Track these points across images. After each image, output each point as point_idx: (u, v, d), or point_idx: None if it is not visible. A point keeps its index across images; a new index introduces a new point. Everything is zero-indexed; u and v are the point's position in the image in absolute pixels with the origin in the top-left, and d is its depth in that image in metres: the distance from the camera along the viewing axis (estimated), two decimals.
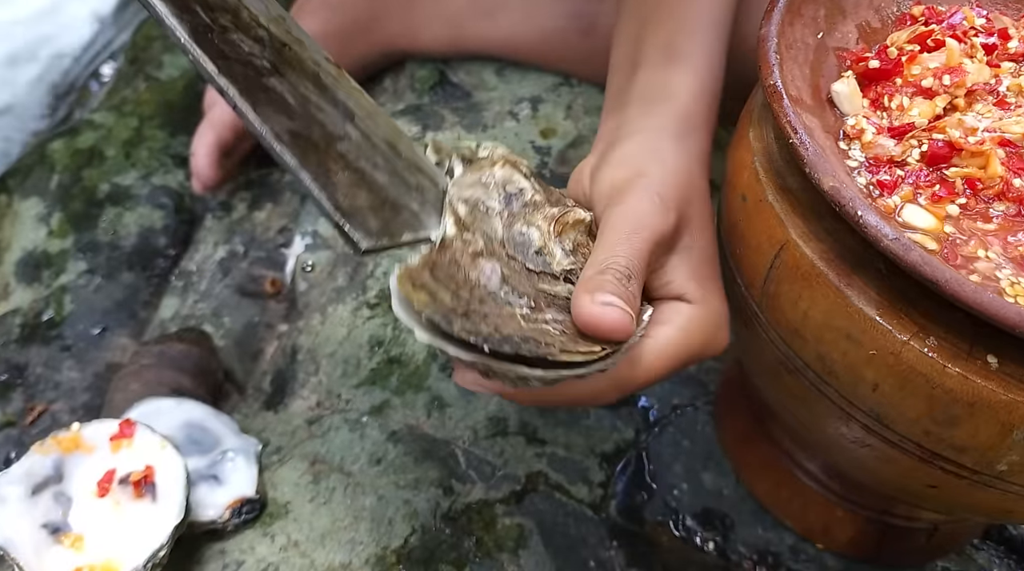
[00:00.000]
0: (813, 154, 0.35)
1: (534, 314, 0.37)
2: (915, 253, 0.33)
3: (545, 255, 0.39)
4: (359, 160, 0.37)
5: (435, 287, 0.36)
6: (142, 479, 0.46)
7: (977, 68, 0.41)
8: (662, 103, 0.44)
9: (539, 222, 0.40)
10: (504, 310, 0.36)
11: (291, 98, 0.36)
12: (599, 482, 0.54)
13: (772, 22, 0.40)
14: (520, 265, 0.38)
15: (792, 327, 0.38)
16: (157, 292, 0.68)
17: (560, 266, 0.39)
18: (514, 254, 0.39)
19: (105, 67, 0.91)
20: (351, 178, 0.36)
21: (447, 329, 0.34)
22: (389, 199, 0.37)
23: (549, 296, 0.38)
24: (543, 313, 0.37)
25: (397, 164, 0.39)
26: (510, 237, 0.39)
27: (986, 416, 0.34)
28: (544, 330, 0.36)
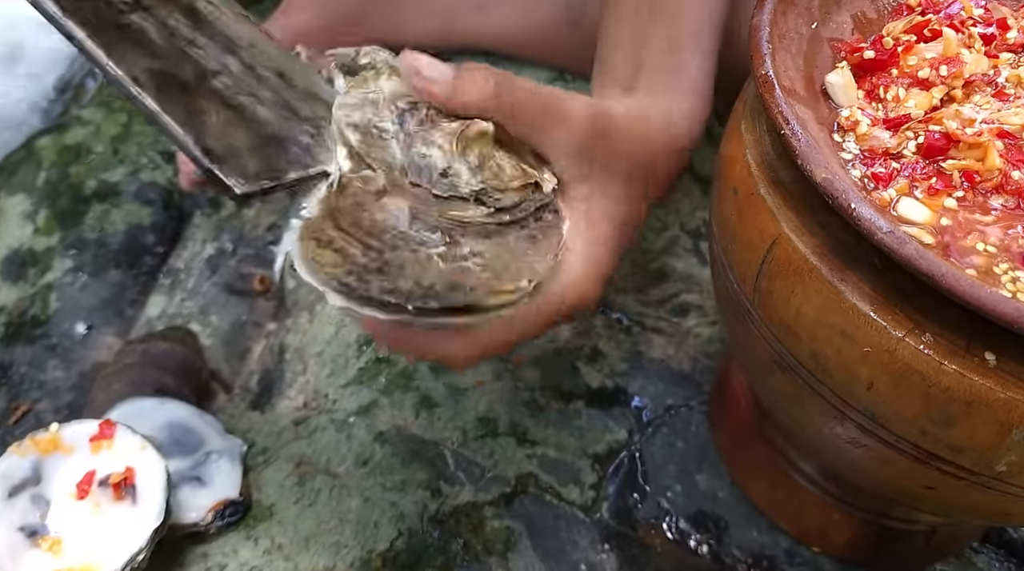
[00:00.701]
0: (806, 146, 0.34)
1: (451, 250, 0.35)
2: (910, 246, 0.32)
3: (451, 177, 0.37)
4: (238, 95, 0.34)
5: (342, 242, 0.33)
6: (122, 481, 0.45)
7: (975, 58, 0.40)
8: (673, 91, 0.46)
9: (439, 140, 0.37)
10: (420, 254, 0.34)
11: (155, 35, 0.33)
12: (591, 484, 0.53)
13: (764, 11, 0.39)
14: (426, 193, 0.36)
15: (785, 324, 0.37)
16: (144, 290, 0.67)
17: (468, 187, 0.37)
18: (418, 181, 0.36)
19: None
20: (226, 117, 0.33)
21: (364, 293, 0.32)
22: (275, 135, 0.34)
23: (462, 224, 0.35)
24: (460, 247, 0.35)
25: (287, 95, 0.36)
26: (410, 162, 0.37)
27: (984, 415, 0.33)
28: (465, 269, 0.34)
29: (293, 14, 0.74)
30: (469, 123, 0.38)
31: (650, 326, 0.60)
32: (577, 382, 0.56)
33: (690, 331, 0.60)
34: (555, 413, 0.55)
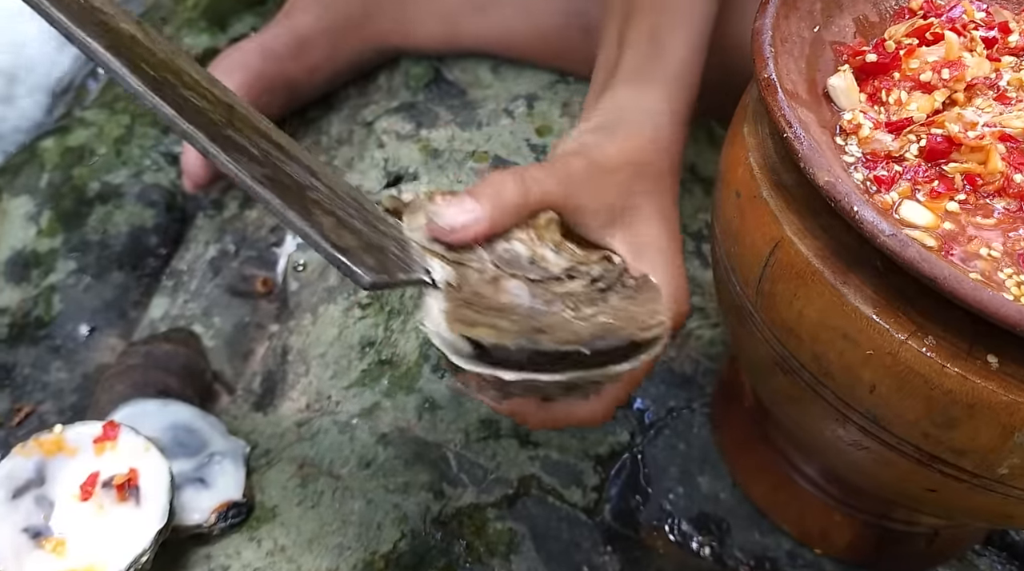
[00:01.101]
0: (808, 149, 0.35)
1: (579, 313, 0.37)
2: (912, 249, 0.32)
3: (538, 262, 0.39)
4: (334, 208, 0.36)
5: (487, 319, 0.36)
6: (126, 482, 0.45)
7: (977, 62, 0.40)
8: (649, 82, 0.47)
9: (516, 234, 0.40)
10: (556, 318, 0.36)
11: (253, 149, 0.36)
12: (593, 486, 0.53)
13: (767, 15, 0.39)
14: (525, 279, 0.38)
15: (787, 326, 0.37)
16: (147, 292, 0.68)
17: (558, 267, 0.39)
18: (514, 271, 0.39)
19: None
20: (333, 221, 0.35)
21: (535, 347, 0.35)
22: (372, 243, 0.36)
23: (572, 295, 0.38)
24: (584, 309, 0.37)
25: (366, 214, 0.38)
26: (498, 257, 0.39)
27: (986, 418, 0.33)
28: (603, 323, 0.37)
29: (296, 16, 0.74)
30: (533, 217, 0.41)
31: None
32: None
33: (692, 333, 0.60)
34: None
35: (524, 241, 0.40)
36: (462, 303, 0.36)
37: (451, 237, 0.39)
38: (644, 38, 0.49)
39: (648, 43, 0.49)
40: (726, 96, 0.59)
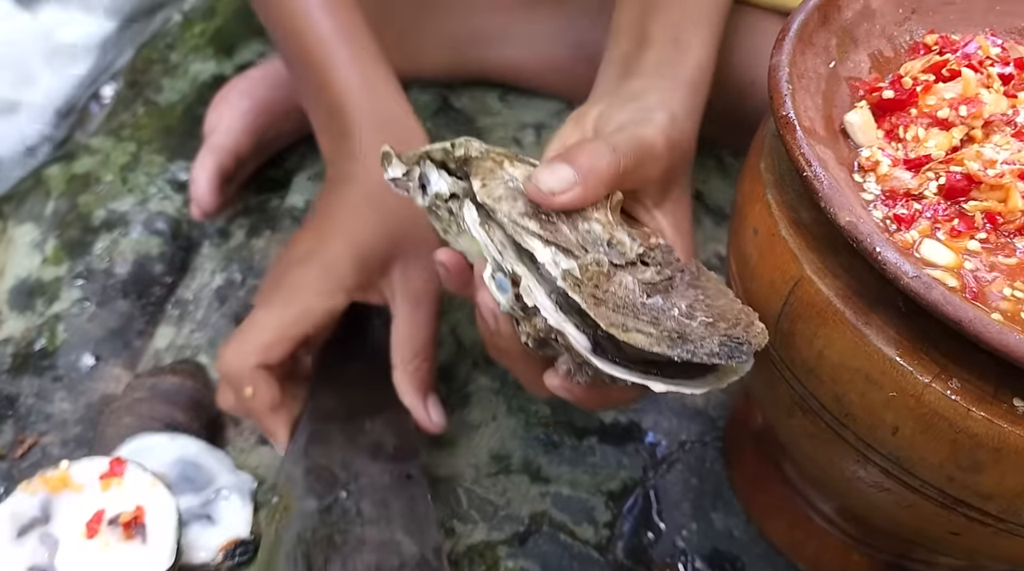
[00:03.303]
0: (828, 188, 0.34)
1: (681, 310, 0.36)
2: (937, 292, 0.31)
3: (616, 245, 0.38)
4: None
5: (633, 322, 0.35)
6: (132, 520, 0.45)
7: (994, 99, 0.40)
8: (671, 78, 0.47)
9: (593, 214, 0.38)
10: (674, 322, 0.35)
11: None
12: (605, 522, 0.52)
13: (783, 51, 0.39)
14: (608, 263, 0.36)
15: (808, 366, 0.37)
16: (152, 321, 0.67)
17: (634, 251, 0.37)
18: (598, 256, 0.37)
19: (106, 88, 0.91)
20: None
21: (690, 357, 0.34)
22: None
23: (656, 286, 0.36)
24: (681, 304, 0.37)
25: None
26: (581, 239, 0.37)
27: (1013, 463, 0.32)
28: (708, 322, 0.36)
29: None
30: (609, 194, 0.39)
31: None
32: (590, 418, 0.56)
33: None
34: (568, 450, 0.54)
35: (601, 222, 0.38)
36: (592, 299, 0.35)
37: (553, 202, 0.37)
38: (668, 36, 0.49)
39: (672, 43, 0.49)
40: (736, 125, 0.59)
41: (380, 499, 0.41)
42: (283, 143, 0.74)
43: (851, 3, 0.43)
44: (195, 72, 0.82)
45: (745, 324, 0.36)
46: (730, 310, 0.37)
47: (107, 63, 0.95)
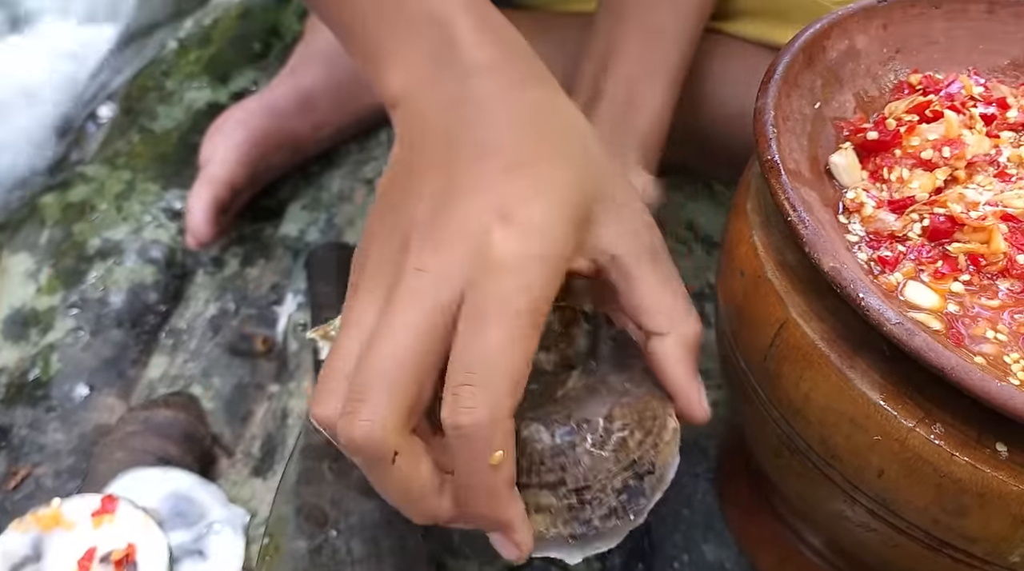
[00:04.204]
0: (812, 233, 0.35)
1: (594, 434, 0.35)
2: (919, 338, 0.32)
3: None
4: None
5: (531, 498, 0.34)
6: (124, 558, 0.45)
7: (977, 140, 0.40)
8: (622, 136, 0.47)
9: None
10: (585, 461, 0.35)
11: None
12: (597, 555, 0.52)
13: (768, 94, 0.40)
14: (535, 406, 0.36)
15: (794, 408, 0.37)
16: (146, 350, 0.67)
17: (551, 363, 0.38)
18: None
19: (102, 108, 0.91)
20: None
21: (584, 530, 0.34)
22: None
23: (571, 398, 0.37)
24: (595, 424, 0.36)
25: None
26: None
27: (997, 507, 0.32)
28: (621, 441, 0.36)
29: (301, 73, 0.75)
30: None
31: None
32: None
33: None
34: None
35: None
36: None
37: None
38: (621, 91, 0.49)
39: (625, 99, 0.49)
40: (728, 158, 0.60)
41: (370, 537, 0.41)
42: (277, 173, 0.75)
43: (836, 44, 0.43)
44: (190, 99, 0.83)
45: (658, 429, 0.36)
46: (647, 406, 0.37)
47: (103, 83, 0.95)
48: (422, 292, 0.32)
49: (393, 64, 0.36)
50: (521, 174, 0.33)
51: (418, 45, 0.36)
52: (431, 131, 0.35)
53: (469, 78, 0.35)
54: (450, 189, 0.33)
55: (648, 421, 0.37)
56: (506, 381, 0.31)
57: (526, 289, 0.32)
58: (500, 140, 0.34)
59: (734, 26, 0.62)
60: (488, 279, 0.32)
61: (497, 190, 0.33)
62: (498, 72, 0.35)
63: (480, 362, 0.31)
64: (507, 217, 0.32)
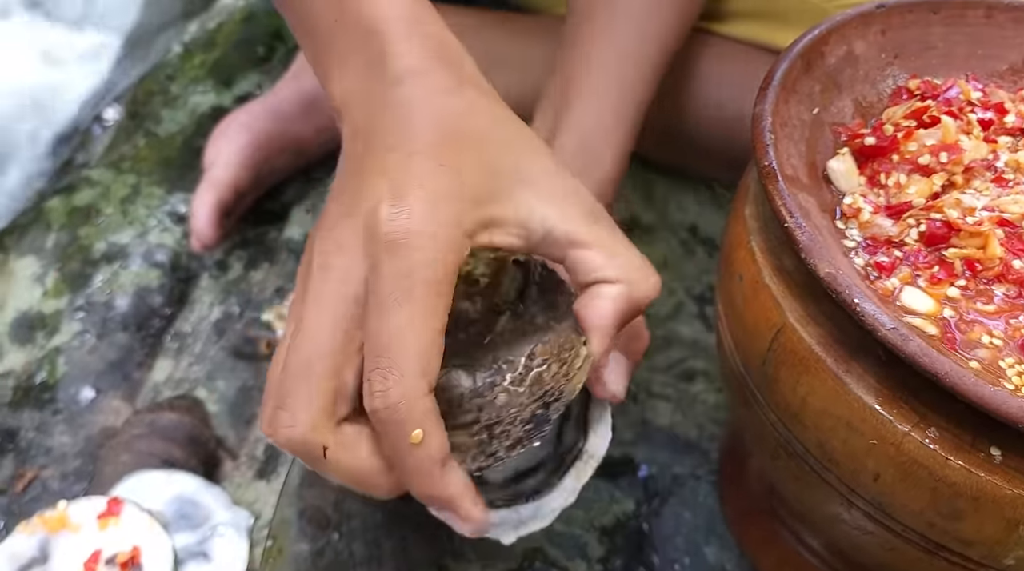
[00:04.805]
0: (809, 239, 0.35)
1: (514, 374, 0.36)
2: (914, 344, 0.32)
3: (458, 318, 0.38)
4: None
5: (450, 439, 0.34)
6: (129, 560, 0.45)
7: (974, 145, 0.40)
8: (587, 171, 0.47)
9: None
10: (501, 399, 0.36)
11: None
12: (598, 557, 0.52)
13: (766, 100, 0.40)
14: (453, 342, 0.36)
15: (791, 412, 0.37)
16: (151, 353, 0.68)
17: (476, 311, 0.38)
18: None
19: (108, 111, 0.92)
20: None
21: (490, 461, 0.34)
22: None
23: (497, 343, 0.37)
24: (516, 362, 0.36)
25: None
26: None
27: (991, 511, 0.33)
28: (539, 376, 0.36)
29: (304, 77, 0.75)
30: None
31: (656, 393, 0.60)
32: None
33: (697, 397, 0.60)
34: None
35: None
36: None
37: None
38: (575, 143, 0.49)
39: (578, 150, 0.49)
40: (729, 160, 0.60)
41: (372, 540, 0.41)
42: (281, 176, 0.75)
43: (834, 49, 0.43)
44: (194, 103, 0.84)
45: (571, 358, 0.35)
46: (567, 340, 0.36)
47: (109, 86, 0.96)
48: (327, 290, 0.33)
49: (333, 77, 0.37)
50: (420, 158, 0.34)
51: (354, 58, 0.37)
52: (360, 139, 0.36)
53: (396, 86, 0.35)
54: (356, 186, 0.34)
55: (565, 352, 0.36)
56: (414, 360, 0.31)
57: (421, 266, 0.32)
58: (412, 136, 0.34)
59: (728, 27, 0.63)
60: (383, 260, 0.32)
61: (393, 175, 0.33)
62: (425, 78, 0.36)
63: (385, 346, 0.31)
64: (398, 196, 0.33)
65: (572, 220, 0.36)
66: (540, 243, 0.36)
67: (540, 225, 0.36)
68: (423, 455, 0.32)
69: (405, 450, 0.32)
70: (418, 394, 0.32)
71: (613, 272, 0.36)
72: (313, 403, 0.32)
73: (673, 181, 0.72)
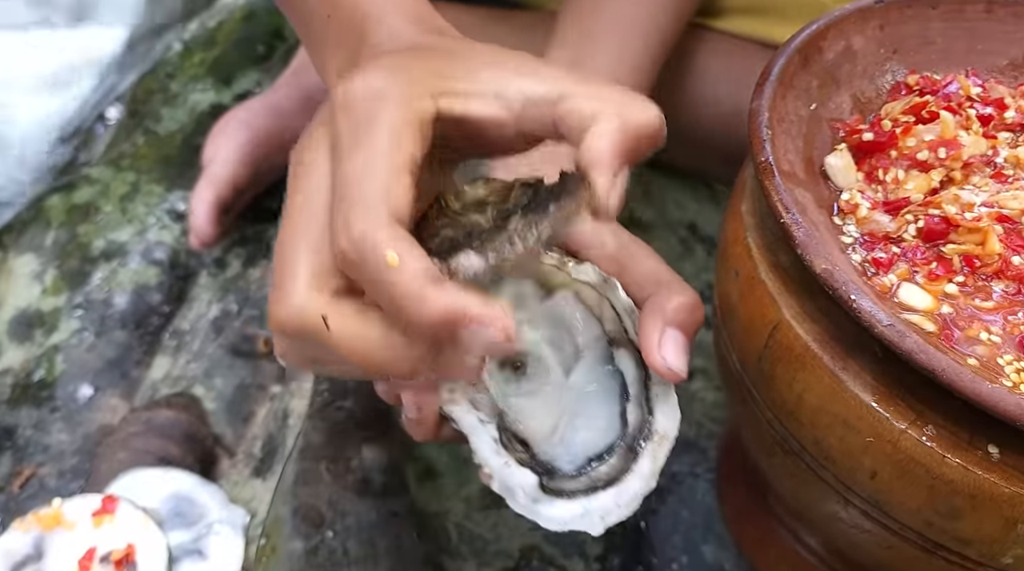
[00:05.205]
0: (805, 234, 0.35)
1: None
2: (911, 340, 0.32)
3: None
4: None
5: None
6: (124, 558, 0.45)
7: (973, 141, 0.40)
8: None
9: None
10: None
11: None
12: (596, 556, 0.52)
13: (763, 95, 0.40)
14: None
15: (787, 409, 0.37)
16: (150, 351, 0.68)
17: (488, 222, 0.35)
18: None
19: (110, 110, 0.92)
20: None
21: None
22: None
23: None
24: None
25: None
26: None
27: (989, 509, 0.32)
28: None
29: (303, 75, 0.75)
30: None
31: None
32: None
33: (695, 395, 0.60)
34: None
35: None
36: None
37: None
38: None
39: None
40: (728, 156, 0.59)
41: (366, 538, 0.41)
42: (279, 173, 0.75)
43: (832, 44, 0.43)
44: (194, 101, 0.84)
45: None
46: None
47: (111, 85, 0.96)
48: (300, 179, 0.34)
49: (329, 67, 0.38)
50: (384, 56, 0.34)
51: (345, 46, 0.37)
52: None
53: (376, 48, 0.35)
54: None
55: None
56: (373, 194, 0.30)
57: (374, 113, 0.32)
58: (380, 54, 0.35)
59: (725, 23, 0.62)
60: (339, 121, 0.32)
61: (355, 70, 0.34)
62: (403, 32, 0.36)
63: (344, 188, 0.31)
64: (356, 75, 0.33)
65: (550, 80, 0.34)
66: (523, 113, 0.34)
67: (518, 93, 0.34)
68: (407, 275, 0.30)
69: (388, 281, 0.30)
70: (380, 223, 0.30)
71: (604, 108, 0.33)
72: (299, 272, 0.31)
73: (671, 179, 0.72)
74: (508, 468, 0.36)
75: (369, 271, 0.30)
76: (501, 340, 0.30)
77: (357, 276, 0.31)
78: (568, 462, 0.37)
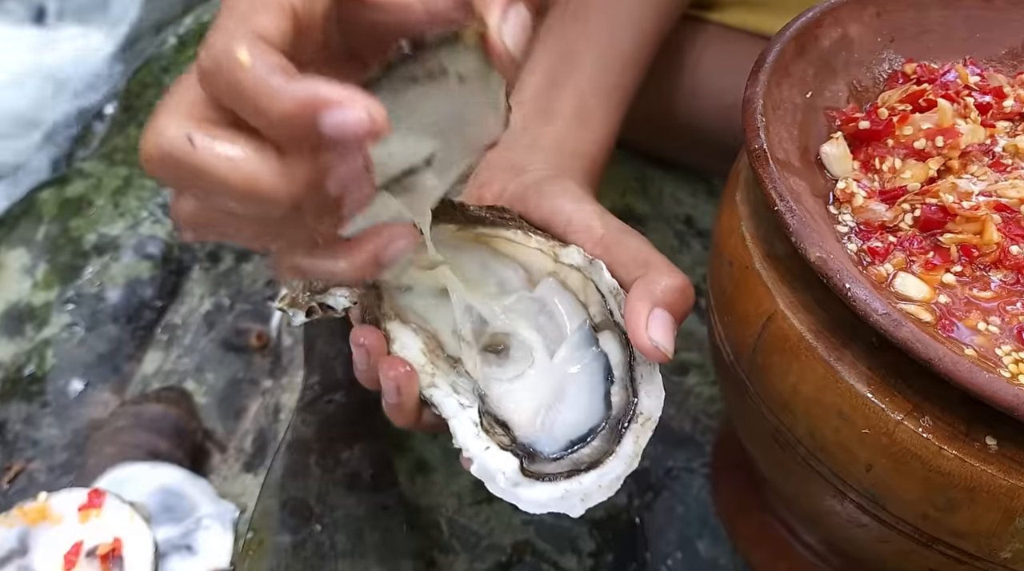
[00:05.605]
0: (799, 223, 0.34)
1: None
2: (906, 329, 0.31)
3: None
4: None
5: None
6: (110, 552, 0.45)
7: (971, 129, 0.39)
8: (573, 157, 0.47)
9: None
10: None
11: None
12: (589, 551, 0.52)
13: (758, 83, 0.39)
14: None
15: (782, 400, 0.37)
16: (141, 345, 0.67)
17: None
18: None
19: (108, 107, 0.91)
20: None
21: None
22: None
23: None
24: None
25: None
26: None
27: (986, 502, 0.32)
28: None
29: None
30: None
31: None
32: None
33: (691, 390, 0.59)
34: None
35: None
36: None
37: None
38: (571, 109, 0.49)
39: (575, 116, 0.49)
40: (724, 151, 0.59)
41: (355, 531, 0.41)
42: None
43: (829, 32, 0.43)
44: None
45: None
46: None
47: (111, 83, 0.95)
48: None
49: None
50: None
51: None
52: None
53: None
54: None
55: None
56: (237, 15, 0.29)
57: None
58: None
59: (721, 15, 0.62)
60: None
61: None
62: None
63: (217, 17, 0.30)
64: None
65: None
66: None
67: None
68: (259, 70, 0.28)
69: (241, 81, 0.28)
70: (238, 35, 0.29)
71: None
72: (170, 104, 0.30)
73: (668, 173, 0.71)
74: (489, 452, 0.35)
75: (224, 76, 0.28)
76: (364, 120, 0.28)
77: (214, 88, 0.29)
78: (550, 445, 0.36)
